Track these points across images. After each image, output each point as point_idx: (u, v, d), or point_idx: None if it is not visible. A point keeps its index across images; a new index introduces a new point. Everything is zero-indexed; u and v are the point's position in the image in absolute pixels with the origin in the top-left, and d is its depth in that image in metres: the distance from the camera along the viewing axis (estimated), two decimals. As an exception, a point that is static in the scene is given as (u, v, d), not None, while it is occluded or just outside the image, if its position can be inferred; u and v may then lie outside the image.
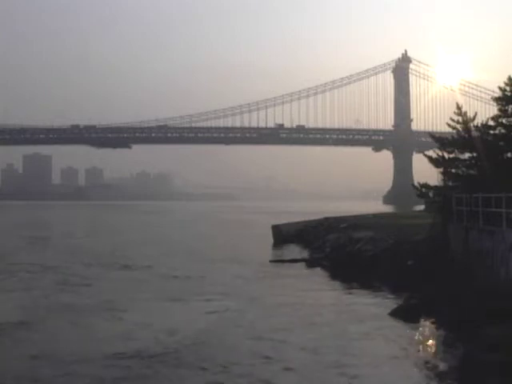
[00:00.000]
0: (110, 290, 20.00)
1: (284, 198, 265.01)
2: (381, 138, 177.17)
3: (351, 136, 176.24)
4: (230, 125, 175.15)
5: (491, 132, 20.16)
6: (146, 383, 10.23)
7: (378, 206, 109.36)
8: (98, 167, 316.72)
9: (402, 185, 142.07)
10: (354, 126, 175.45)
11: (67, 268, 25.65)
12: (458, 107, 20.88)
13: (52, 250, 34.80)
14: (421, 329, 13.48)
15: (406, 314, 14.21)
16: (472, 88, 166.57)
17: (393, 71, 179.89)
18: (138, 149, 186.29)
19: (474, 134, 20.32)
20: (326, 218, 41.97)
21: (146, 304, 17.08)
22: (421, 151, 59.87)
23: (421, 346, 12.13)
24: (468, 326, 12.07)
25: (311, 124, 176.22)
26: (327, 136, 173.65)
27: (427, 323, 13.56)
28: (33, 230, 55.94)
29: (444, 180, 21.67)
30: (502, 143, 19.85)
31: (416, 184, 21.94)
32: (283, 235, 37.42)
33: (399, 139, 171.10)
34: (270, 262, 27.03)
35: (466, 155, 20.68)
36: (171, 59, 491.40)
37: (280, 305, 16.80)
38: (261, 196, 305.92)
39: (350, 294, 18.53)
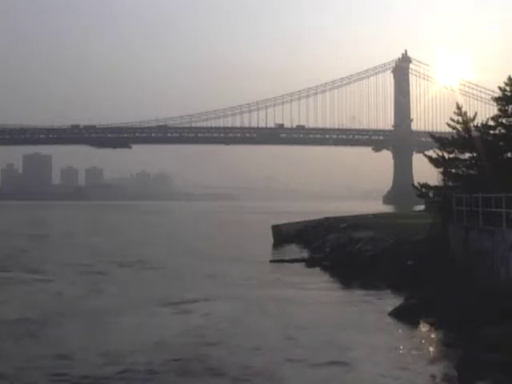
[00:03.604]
0: (116, 289, 20.14)
1: (284, 198, 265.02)
2: (381, 138, 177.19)
3: (351, 136, 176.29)
4: (230, 125, 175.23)
5: (491, 132, 20.14)
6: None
7: (378, 206, 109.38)
8: (98, 167, 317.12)
9: (402, 185, 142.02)
10: (350, 124, 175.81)
11: (79, 266, 26.02)
12: (458, 107, 20.86)
13: (60, 250, 35.03)
14: (421, 329, 13.48)
15: (406, 314, 14.21)
16: (472, 88, 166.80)
17: (393, 71, 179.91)
18: (137, 149, 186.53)
19: (474, 134, 20.30)
20: (326, 218, 41.97)
21: (150, 306, 17.10)
22: (421, 151, 59.95)
23: (420, 346, 12.13)
24: (468, 325, 12.07)
25: (311, 124, 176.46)
26: (327, 136, 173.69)
27: (427, 323, 13.54)
28: (36, 229, 55.99)
29: (444, 180, 21.65)
30: (502, 143, 19.84)
31: (416, 184, 21.93)
32: (283, 235, 37.41)
33: (399, 139, 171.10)
34: (270, 262, 27.03)
35: (466, 155, 20.66)
36: (171, 59, 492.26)
37: (279, 305, 16.80)
38: (261, 196, 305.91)
39: (349, 294, 18.54)
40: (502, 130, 19.80)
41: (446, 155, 20.99)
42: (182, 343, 12.52)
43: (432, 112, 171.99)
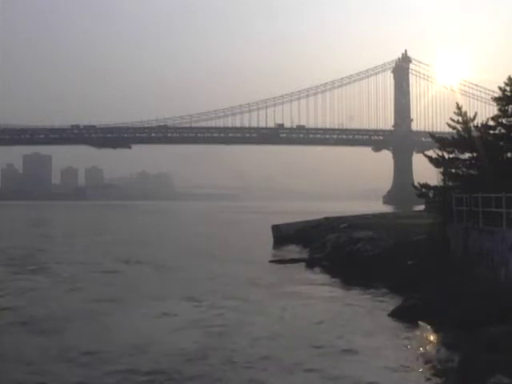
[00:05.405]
0: (118, 288, 20.17)
1: (284, 198, 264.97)
2: (381, 138, 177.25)
3: (351, 136, 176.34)
4: (229, 125, 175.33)
5: (491, 132, 20.14)
6: None
7: (378, 206, 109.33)
8: (98, 167, 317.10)
9: (402, 185, 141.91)
10: (349, 124, 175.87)
11: (82, 265, 26.41)
12: (458, 107, 20.85)
13: (63, 249, 35.14)
14: (420, 329, 13.47)
15: (406, 314, 14.20)
16: (472, 88, 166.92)
17: (393, 71, 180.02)
18: (137, 149, 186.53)
19: (474, 133, 20.30)
20: (326, 218, 41.92)
21: (149, 305, 17.12)
22: (421, 151, 59.90)
23: (420, 346, 12.13)
24: (468, 325, 12.07)
25: (311, 124, 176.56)
26: (327, 136, 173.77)
27: (427, 323, 13.54)
28: (38, 229, 56.07)
29: (444, 180, 21.64)
30: (502, 143, 19.84)
31: (416, 184, 21.92)
32: (283, 235, 37.38)
33: (399, 139, 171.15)
34: (270, 262, 26.99)
35: (466, 155, 20.65)
36: (171, 59, 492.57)
37: (278, 306, 16.77)
38: (261, 196, 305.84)
39: (349, 294, 18.51)
40: (502, 130, 19.78)
41: (446, 155, 20.98)
42: (181, 343, 12.51)
43: (432, 112, 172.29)
